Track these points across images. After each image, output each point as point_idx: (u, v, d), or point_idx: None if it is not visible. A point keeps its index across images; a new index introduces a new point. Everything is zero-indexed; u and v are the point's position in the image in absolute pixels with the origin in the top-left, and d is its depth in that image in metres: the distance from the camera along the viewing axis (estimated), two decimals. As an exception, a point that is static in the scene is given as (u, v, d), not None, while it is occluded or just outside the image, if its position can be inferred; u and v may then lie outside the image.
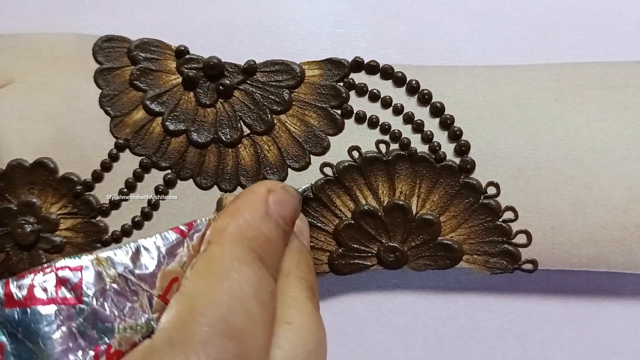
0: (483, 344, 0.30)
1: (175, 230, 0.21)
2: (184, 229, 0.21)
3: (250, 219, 0.21)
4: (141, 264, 0.20)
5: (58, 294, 0.18)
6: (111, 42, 0.28)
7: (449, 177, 0.27)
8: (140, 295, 0.19)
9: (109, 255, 0.19)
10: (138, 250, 0.20)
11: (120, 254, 0.19)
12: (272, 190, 0.22)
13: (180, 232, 0.21)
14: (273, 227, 0.21)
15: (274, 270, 0.21)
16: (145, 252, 0.20)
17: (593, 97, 0.27)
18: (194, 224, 0.21)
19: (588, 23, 0.30)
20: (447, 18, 0.30)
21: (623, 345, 0.30)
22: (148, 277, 0.19)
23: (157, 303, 0.19)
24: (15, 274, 0.18)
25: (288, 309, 0.20)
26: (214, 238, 0.20)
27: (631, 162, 0.26)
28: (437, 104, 0.27)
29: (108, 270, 0.19)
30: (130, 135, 0.28)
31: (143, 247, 0.20)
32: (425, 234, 0.27)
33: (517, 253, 0.27)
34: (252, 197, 0.22)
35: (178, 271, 0.20)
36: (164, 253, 0.20)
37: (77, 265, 0.19)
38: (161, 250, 0.20)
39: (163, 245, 0.20)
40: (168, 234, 0.20)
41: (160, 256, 0.20)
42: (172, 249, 0.20)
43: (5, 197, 0.28)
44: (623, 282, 0.30)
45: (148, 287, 0.19)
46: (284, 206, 0.22)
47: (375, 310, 0.31)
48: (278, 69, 0.28)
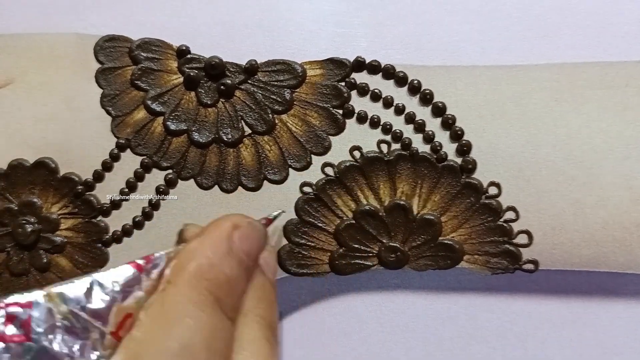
0: (484, 344, 0.30)
1: (132, 264, 0.20)
2: (141, 263, 0.20)
3: (212, 257, 0.20)
4: (94, 300, 0.19)
5: (6, 332, 0.18)
6: (112, 41, 0.28)
7: (450, 177, 0.27)
8: (92, 332, 0.19)
9: (62, 291, 0.19)
10: (92, 285, 0.19)
11: (73, 289, 0.19)
12: (237, 226, 0.21)
13: (137, 266, 0.20)
14: (235, 265, 0.21)
15: (233, 310, 0.21)
16: (99, 287, 0.19)
17: (593, 97, 0.27)
18: (151, 258, 0.21)
19: (588, 23, 0.30)
20: (448, 18, 0.30)
21: (623, 345, 0.30)
22: (101, 313, 0.19)
23: (109, 340, 0.19)
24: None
25: (244, 352, 0.20)
26: (173, 277, 0.20)
27: (631, 162, 0.27)
28: (439, 103, 0.27)
29: (59, 306, 0.19)
30: (131, 135, 0.28)
31: (97, 282, 0.20)
32: (426, 234, 0.27)
33: (518, 253, 0.27)
34: (216, 233, 0.21)
35: (132, 307, 0.20)
36: (118, 289, 0.20)
37: (27, 302, 0.18)
38: (115, 285, 0.20)
39: (118, 280, 0.20)
40: (124, 268, 0.20)
41: (114, 292, 0.20)
42: (128, 284, 0.20)
43: (5, 197, 0.27)
44: (624, 282, 0.30)
45: (100, 324, 0.19)
46: (249, 242, 0.21)
47: (376, 310, 0.31)
48: (279, 68, 0.28)
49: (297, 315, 0.31)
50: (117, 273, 0.20)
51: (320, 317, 0.31)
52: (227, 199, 0.28)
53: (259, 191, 0.28)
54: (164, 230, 0.28)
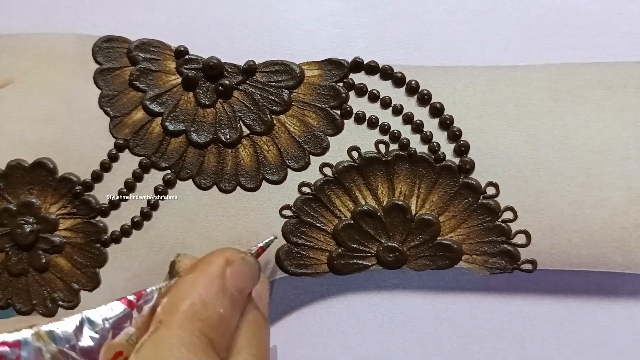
0: (482, 344, 0.30)
1: (123, 300, 0.20)
2: (132, 299, 0.20)
3: (205, 296, 0.20)
4: (85, 338, 0.19)
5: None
6: (111, 42, 0.28)
7: (449, 178, 0.27)
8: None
9: (51, 329, 0.19)
10: (82, 323, 0.19)
11: (63, 327, 0.19)
12: (230, 261, 0.21)
13: (128, 302, 0.20)
14: (228, 303, 0.20)
15: (225, 349, 0.20)
16: (89, 324, 0.19)
17: (592, 97, 0.27)
18: (143, 293, 0.20)
19: (588, 23, 0.30)
20: (447, 18, 0.30)
21: (622, 345, 0.30)
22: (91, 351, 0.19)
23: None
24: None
25: None
26: (165, 318, 0.19)
27: (630, 163, 0.26)
28: (437, 104, 0.27)
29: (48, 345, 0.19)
30: (129, 135, 0.28)
31: (88, 320, 0.19)
32: (424, 234, 0.27)
33: (517, 253, 0.27)
34: (209, 270, 0.21)
35: (123, 345, 0.19)
36: (108, 326, 0.19)
37: (15, 340, 0.18)
38: (106, 323, 0.19)
39: (109, 317, 0.20)
40: (115, 304, 0.20)
41: (104, 329, 0.19)
42: (119, 321, 0.20)
43: (4, 197, 0.28)
44: (622, 282, 0.30)
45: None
46: (241, 279, 0.21)
47: (374, 310, 0.31)
48: (277, 69, 0.28)
49: (295, 315, 0.31)
50: (108, 309, 0.20)
51: (318, 317, 0.31)
52: (226, 199, 0.28)
53: (258, 191, 0.28)
54: (162, 230, 0.28)
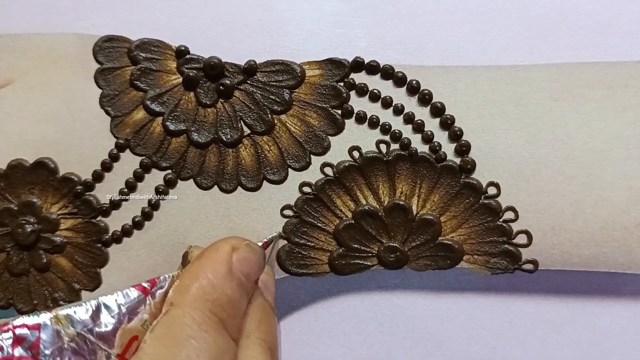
0: (483, 344, 0.30)
1: (137, 287, 0.20)
2: (146, 286, 0.21)
3: (213, 278, 0.20)
4: (101, 322, 0.19)
5: (14, 353, 0.18)
6: (111, 42, 0.28)
7: (450, 177, 0.27)
8: (99, 354, 0.19)
9: (69, 313, 0.19)
10: (98, 308, 0.20)
11: (80, 311, 0.19)
12: (236, 248, 0.22)
13: (142, 289, 0.20)
14: (236, 286, 0.21)
15: (236, 331, 0.21)
16: (106, 309, 0.20)
17: (593, 97, 0.27)
18: (156, 281, 0.21)
19: (588, 23, 0.30)
20: (448, 18, 0.30)
21: (623, 345, 0.30)
22: (107, 336, 0.19)
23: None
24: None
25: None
26: (176, 299, 0.20)
27: (631, 162, 0.26)
28: (438, 104, 0.27)
29: (66, 328, 0.19)
30: (130, 135, 0.28)
31: (104, 305, 0.20)
32: (425, 234, 0.27)
33: (518, 253, 0.27)
34: (215, 255, 0.21)
35: (138, 329, 0.20)
36: (124, 311, 0.20)
37: (35, 324, 0.19)
38: (122, 308, 0.20)
39: (124, 302, 0.20)
40: (130, 291, 0.20)
41: (120, 314, 0.20)
42: (134, 306, 0.20)
43: (5, 197, 0.28)
44: (623, 282, 0.30)
45: (107, 347, 0.19)
46: (247, 264, 0.22)
47: (375, 310, 0.31)
48: (278, 69, 0.28)
49: (296, 316, 0.31)
50: (123, 295, 0.20)
51: (319, 317, 0.31)
52: (227, 199, 0.28)
53: (259, 191, 0.28)
54: (163, 230, 0.28)
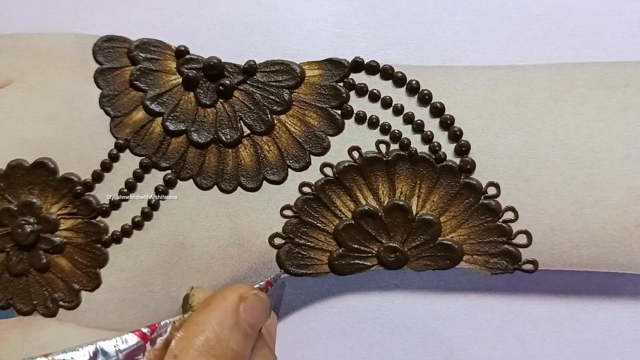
0: (483, 344, 0.30)
1: (137, 333, 0.20)
2: (146, 332, 0.20)
3: (219, 331, 0.20)
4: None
5: None
6: (111, 42, 0.28)
7: (449, 178, 0.27)
8: None
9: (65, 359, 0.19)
10: (96, 354, 0.19)
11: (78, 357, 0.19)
12: (244, 297, 0.21)
13: (142, 335, 0.20)
14: (241, 338, 0.20)
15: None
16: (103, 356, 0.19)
17: (593, 97, 0.27)
18: (157, 327, 0.20)
19: (588, 23, 0.30)
20: (447, 18, 0.30)
21: (623, 345, 0.30)
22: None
23: None
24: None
25: None
26: (180, 353, 0.19)
27: (631, 162, 0.26)
28: (437, 104, 0.27)
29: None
30: (130, 135, 0.28)
31: (101, 351, 0.19)
32: (425, 234, 0.27)
33: (518, 253, 0.27)
34: (222, 305, 0.21)
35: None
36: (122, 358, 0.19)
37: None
38: (120, 354, 0.19)
39: (122, 349, 0.20)
40: (128, 336, 0.20)
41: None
42: (132, 353, 0.20)
43: (5, 197, 0.28)
44: (623, 282, 0.30)
45: None
46: (254, 315, 0.21)
47: (375, 310, 0.31)
48: (278, 69, 0.28)
49: (296, 316, 0.31)
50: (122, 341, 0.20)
51: (319, 317, 0.31)
52: (227, 199, 0.28)
53: (258, 191, 0.28)
54: (163, 230, 0.28)
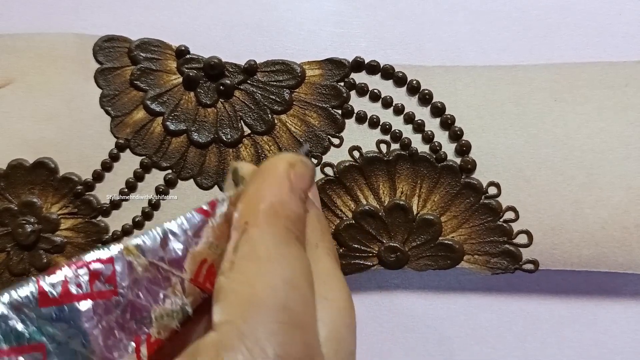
0: (483, 344, 0.30)
1: (199, 210, 0.20)
2: (207, 209, 0.20)
3: (280, 195, 0.20)
4: (170, 249, 0.19)
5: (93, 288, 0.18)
6: (111, 42, 0.28)
7: (450, 177, 0.27)
8: (173, 281, 0.19)
9: (138, 244, 0.19)
10: (166, 235, 0.19)
11: (148, 240, 0.19)
12: (292, 164, 0.21)
13: (204, 212, 0.20)
14: (298, 202, 0.21)
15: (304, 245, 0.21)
16: (173, 236, 0.19)
17: (593, 97, 0.27)
18: (216, 202, 0.20)
19: (588, 23, 0.30)
20: (448, 18, 0.30)
21: (623, 345, 0.30)
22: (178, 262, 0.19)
23: (189, 287, 0.19)
24: (44, 271, 0.18)
25: (323, 284, 0.20)
26: (250, 219, 0.19)
27: (631, 162, 0.26)
28: (438, 104, 0.27)
29: (138, 259, 0.19)
30: (130, 135, 0.28)
31: (170, 232, 0.19)
32: (426, 234, 0.27)
33: (518, 253, 0.27)
34: (276, 173, 0.21)
35: (206, 252, 0.20)
36: (190, 235, 0.20)
37: (109, 257, 0.18)
38: (188, 232, 0.20)
39: (189, 227, 0.20)
40: (192, 215, 0.20)
41: (187, 239, 0.19)
42: (198, 230, 0.20)
43: (5, 197, 0.27)
44: (623, 282, 0.30)
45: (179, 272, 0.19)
46: (304, 179, 0.21)
47: (375, 310, 0.31)
48: (278, 68, 0.28)
49: (296, 315, 0.31)
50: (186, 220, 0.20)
51: (319, 317, 0.31)
52: (227, 199, 0.28)
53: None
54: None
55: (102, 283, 0.18)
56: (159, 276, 0.19)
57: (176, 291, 0.19)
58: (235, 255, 0.19)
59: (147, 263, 0.19)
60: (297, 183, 0.21)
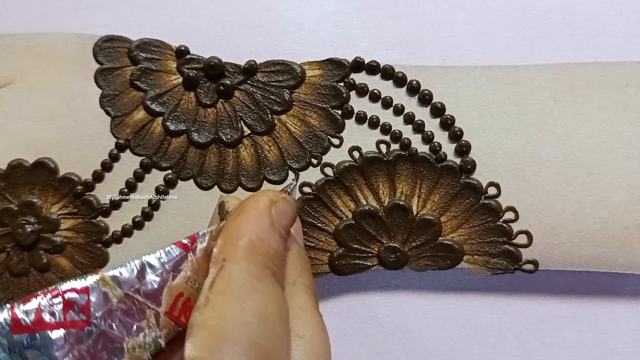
0: (483, 344, 0.30)
1: (178, 244, 0.20)
2: (187, 243, 0.21)
3: (259, 232, 0.20)
4: (146, 282, 0.19)
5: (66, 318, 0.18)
6: (111, 42, 0.28)
7: (450, 178, 0.27)
8: (147, 313, 0.19)
9: (115, 275, 0.19)
10: (143, 268, 0.20)
11: (125, 272, 0.19)
12: (274, 201, 0.22)
13: (183, 245, 0.20)
14: (278, 238, 0.21)
15: (282, 281, 0.21)
16: (150, 269, 0.20)
17: (593, 97, 0.27)
18: (196, 237, 0.21)
19: (588, 23, 0.30)
20: (448, 18, 0.30)
21: (623, 345, 0.30)
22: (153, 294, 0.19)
23: (163, 320, 0.19)
24: (19, 298, 0.18)
25: (299, 321, 0.20)
26: (228, 255, 0.20)
27: (631, 162, 0.26)
28: (438, 104, 0.27)
29: (114, 290, 0.19)
30: (130, 135, 0.28)
31: (148, 264, 0.20)
32: (425, 234, 0.27)
33: (518, 253, 0.27)
34: (257, 208, 0.21)
35: (183, 286, 0.20)
36: (168, 269, 0.20)
37: (84, 287, 0.19)
38: (165, 266, 0.20)
39: (167, 260, 0.20)
40: (171, 248, 0.20)
41: (164, 272, 0.20)
42: (176, 264, 0.20)
43: (5, 197, 0.27)
44: (623, 282, 0.30)
45: (154, 305, 0.19)
46: (285, 216, 0.22)
47: (375, 310, 0.31)
48: (278, 69, 0.28)
49: (296, 316, 0.31)
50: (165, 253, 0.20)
51: (319, 317, 0.31)
52: (227, 199, 0.28)
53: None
54: (163, 230, 0.28)
55: (76, 313, 0.18)
56: (134, 308, 0.19)
57: (150, 324, 0.19)
58: (211, 291, 0.19)
59: (122, 294, 0.19)
60: (278, 220, 0.21)
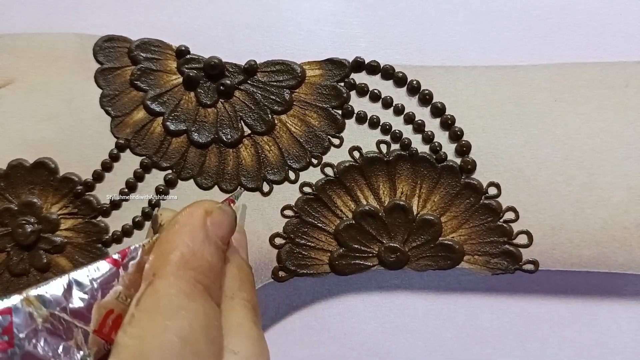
0: (484, 344, 0.30)
1: (108, 260, 0.20)
2: (117, 258, 0.20)
3: (192, 245, 0.20)
4: (74, 299, 0.19)
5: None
6: (112, 42, 0.28)
7: (450, 178, 0.27)
8: (75, 332, 0.19)
9: (40, 294, 0.19)
10: (70, 285, 0.19)
11: (52, 290, 0.19)
12: (209, 211, 0.21)
13: (114, 261, 0.20)
14: (214, 250, 0.21)
15: (218, 295, 0.21)
16: (78, 286, 0.19)
17: (593, 97, 0.27)
18: (127, 252, 0.20)
19: (588, 23, 0.30)
20: (448, 18, 0.30)
21: (623, 345, 0.30)
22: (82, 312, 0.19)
23: (92, 338, 0.19)
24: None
25: (234, 336, 0.20)
26: (158, 270, 0.19)
27: (631, 162, 0.26)
28: (438, 104, 0.27)
29: (39, 310, 0.18)
30: (130, 135, 0.28)
31: (75, 282, 0.19)
32: (426, 235, 0.27)
33: (518, 253, 0.27)
34: (190, 221, 0.21)
35: (113, 303, 0.19)
36: (97, 286, 0.19)
37: (6, 308, 0.18)
38: (94, 283, 0.19)
39: (96, 277, 0.20)
40: (101, 264, 0.20)
41: (93, 289, 0.19)
42: (106, 280, 0.20)
43: (5, 197, 0.27)
44: (623, 282, 0.30)
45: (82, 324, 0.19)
46: (221, 227, 0.21)
47: (375, 310, 0.31)
48: (279, 69, 0.28)
49: (297, 315, 0.31)
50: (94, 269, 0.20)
51: (320, 317, 0.31)
52: (227, 199, 0.28)
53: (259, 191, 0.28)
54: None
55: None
56: (61, 327, 0.19)
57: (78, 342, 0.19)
58: (137, 308, 0.18)
59: (47, 314, 0.18)
60: (214, 231, 0.21)
